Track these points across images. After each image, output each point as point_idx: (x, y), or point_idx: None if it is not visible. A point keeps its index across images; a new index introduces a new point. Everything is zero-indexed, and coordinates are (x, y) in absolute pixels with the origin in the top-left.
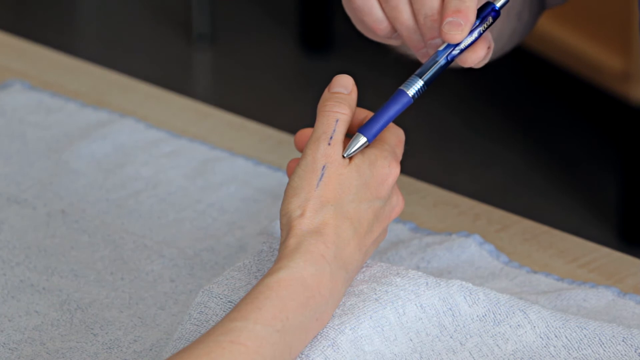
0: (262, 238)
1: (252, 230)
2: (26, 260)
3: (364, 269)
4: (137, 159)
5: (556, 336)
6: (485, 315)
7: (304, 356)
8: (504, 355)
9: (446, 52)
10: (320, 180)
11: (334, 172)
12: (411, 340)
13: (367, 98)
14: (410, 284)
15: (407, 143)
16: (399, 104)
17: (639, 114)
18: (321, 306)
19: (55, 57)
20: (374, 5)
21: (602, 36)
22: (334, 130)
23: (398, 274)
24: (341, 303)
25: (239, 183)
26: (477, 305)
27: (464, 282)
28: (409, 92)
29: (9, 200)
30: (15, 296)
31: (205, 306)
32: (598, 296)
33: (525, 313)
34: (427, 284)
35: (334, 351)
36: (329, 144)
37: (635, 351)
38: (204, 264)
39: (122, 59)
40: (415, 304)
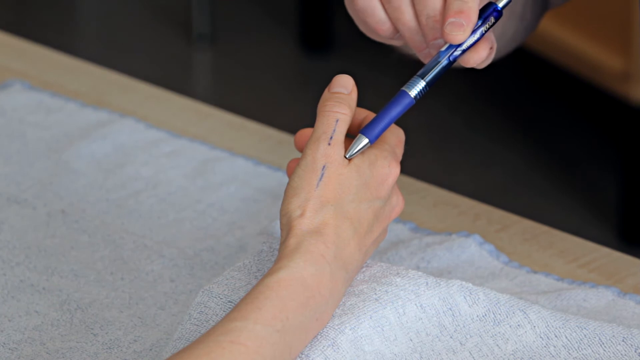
0: (262, 238)
1: (252, 230)
2: (26, 260)
3: (364, 269)
4: (137, 159)
5: (556, 336)
6: (485, 315)
7: (304, 356)
8: (504, 355)
9: (448, 52)
10: (320, 180)
11: (334, 172)
12: (411, 340)
13: (367, 98)
14: (410, 284)
15: (407, 143)
16: (401, 105)
17: (639, 114)
18: (321, 306)
19: (55, 57)
20: (376, 7)
21: (602, 36)
22: (334, 130)
23: (398, 274)
24: (341, 303)
25: (239, 183)
26: (477, 305)
27: (464, 282)
28: (411, 93)
29: (9, 200)
30: (15, 296)
31: (205, 306)
32: (598, 296)
33: (525, 313)
34: (427, 284)
35: (334, 351)
36: (329, 144)
37: (635, 351)
38: (204, 264)
39: (122, 59)
40: (415, 304)
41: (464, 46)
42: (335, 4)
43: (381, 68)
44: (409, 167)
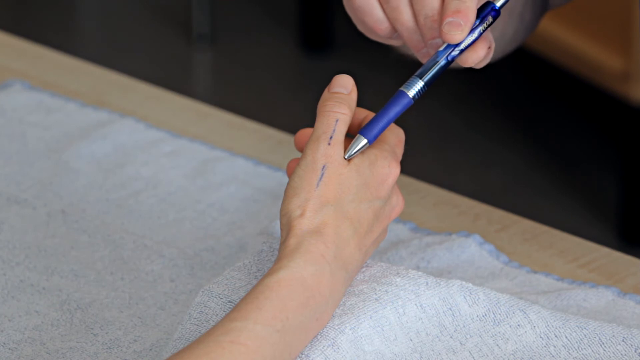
0: (262, 238)
1: (252, 230)
2: (26, 260)
3: (364, 269)
4: (137, 159)
5: (556, 336)
6: (485, 315)
7: (304, 356)
8: (504, 355)
9: (446, 52)
10: (320, 180)
11: (334, 172)
12: (411, 340)
13: (367, 98)
14: (410, 284)
15: (407, 143)
16: (400, 105)
17: (639, 114)
18: (321, 306)
19: (55, 57)
20: (374, 6)
21: (602, 36)
22: (333, 130)
23: (398, 274)
24: (341, 303)
25: (239, 183)
26: (477, 305)
27: (464, 282)
28: (409, 93)
29: (9, 200)
30: (15, 296)
31: (205, 306)
32: (598, 296)
33: (525, 313)
34: (427, 284)
35: (334, 351)
36: (329, 144)
37: (635, 351)
38: (204, 264)
39: (122, 59)
40: (415, 304)
41: (462, 46)
42: (335, 4)
43: (381, 68)
44: (409, 167)
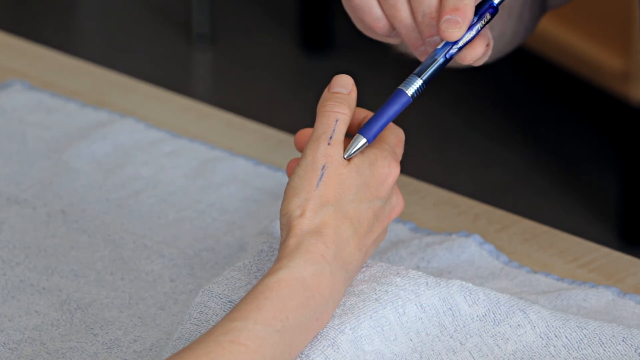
0: (262, 238)
1: (252, 230)
2: (26, 260)
3: (364, 269)
4: (137, 159)
5: (556, 336)
6: (485, 315)
7: (304, 356)
8: (504, 355)
9: (445, 50)
10: (320, 180)
11: (333, 172)
12: (411, 340)
13: (367, 98)
14: (410, 284)
15: (407, 143)
16: (398, 104)
17: (639, 114)
18: (321, 306)
19: (55, 57)
20: (373, 4)
21: (602, 36)
22: (333, 130)
23: (398, 273)
24: (341, 303)
25: (239, 183)
26: (477, 305)
27: (464, 282)
28: (408, 92)
29: (9, 200)
30: (15, 296)
31: (205, 306)
32: (598, 296)
33: (525, 313)
34: (427, 283)
35: (334, 351)
36: (328, 144)
37: (635, 351)
38: (204, 264)
39: (122, 59)
40: (415, 304)
41: (460, 43)
42: (335, 4)
43: (381, 68)
44: (409, 167)
